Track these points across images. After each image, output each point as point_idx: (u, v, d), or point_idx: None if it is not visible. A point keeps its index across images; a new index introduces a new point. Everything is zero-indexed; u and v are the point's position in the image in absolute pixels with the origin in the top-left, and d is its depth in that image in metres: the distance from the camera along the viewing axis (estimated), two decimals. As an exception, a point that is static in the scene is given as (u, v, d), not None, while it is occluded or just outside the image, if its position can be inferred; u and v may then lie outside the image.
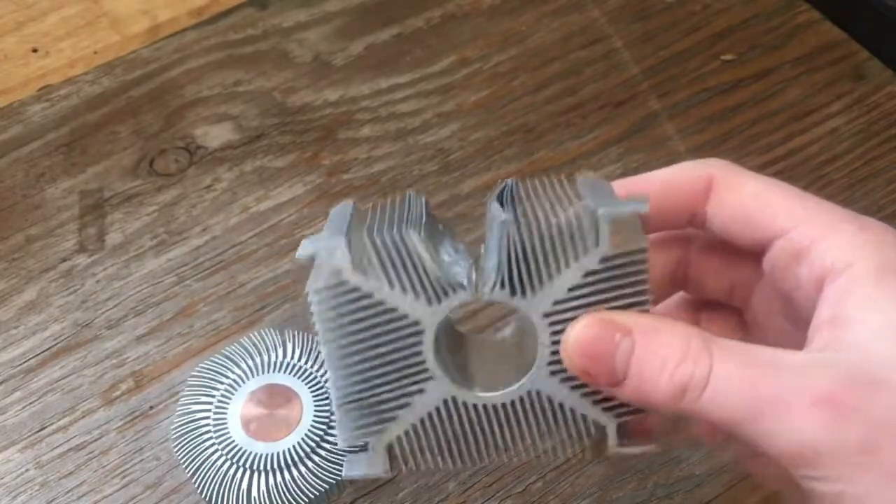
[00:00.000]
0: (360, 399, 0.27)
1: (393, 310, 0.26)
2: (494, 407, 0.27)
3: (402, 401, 0.27)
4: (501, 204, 0.27)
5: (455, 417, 0.27)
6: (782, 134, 0.52)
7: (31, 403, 0.44)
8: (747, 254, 0.28)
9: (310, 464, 0.39)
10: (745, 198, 0.27)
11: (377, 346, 0.26)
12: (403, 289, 0.26)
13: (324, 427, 0.40)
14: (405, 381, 0.26)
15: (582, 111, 0.54)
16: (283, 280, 0.47)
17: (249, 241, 0.49)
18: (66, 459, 0.42)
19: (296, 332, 0.43)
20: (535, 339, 0.26)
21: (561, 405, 0.26)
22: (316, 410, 0.41)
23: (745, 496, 0.41)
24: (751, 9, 0.58)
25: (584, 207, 0.26)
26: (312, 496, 0.39)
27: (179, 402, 0.42)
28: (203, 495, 0.39)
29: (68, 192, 0.51)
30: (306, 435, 0.40)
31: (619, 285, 0.26)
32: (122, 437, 0.43)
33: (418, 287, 0.26)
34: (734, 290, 0.30)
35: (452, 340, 0.29)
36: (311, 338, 0.43)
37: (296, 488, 0.39)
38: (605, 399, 0.26)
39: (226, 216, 0.50)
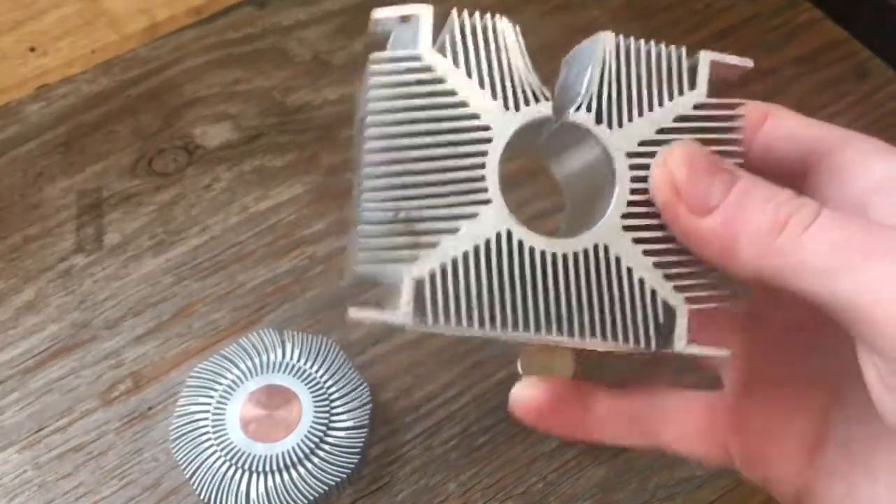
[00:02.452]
0: (397, 210, 0.21)
1: (463, 104, 0.22)
2: (554, 256, 0.22)
3: (448, 224, 0.21)
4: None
5: (505, 260, 0.22)
6: (784, 133, 0.52)
7: (29, 404, 0.44)
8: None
9: (309, 465, 0.39)
10: (798, 121, 0.25)
11: (433, 145, 0.22)
12: (482, 82, 0.22)
13: (323, 428, 0.40)
14: (457, 199, 0.22)
15: (582, 110, 0.53)
16: (282, 280, 0.47)
17: (248, 241, 0.49)
18: (64, 460, 0.42)
19: (295, 333, 0.43)
20: (611, 184, 0.23)
21: (629, 271, 0.22)
22: (315, 411, 0.40)
23: (746, 498, 0.41)
24: (752, 8, 0.58)
25: (686, 49, 0.23)
26: (312, 497, 0.39)
27: (178, 403, 0.41)
28: (202, 497, 0.39)
29: (66, 191, 0.51)
30: (305, 436, 0.40)
31: (710, 140, 0.23)
32: (121, 438, 0.43)
33: (498, 85, 0.22)
34: None
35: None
36: (310, 338, 0.43)
37: (295, 490, 0.39)
38: (681, 276, 0.23)
39: (225, 216, 0.50)
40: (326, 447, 0.40)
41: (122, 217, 0.50)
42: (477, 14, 0.22)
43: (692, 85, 0.23)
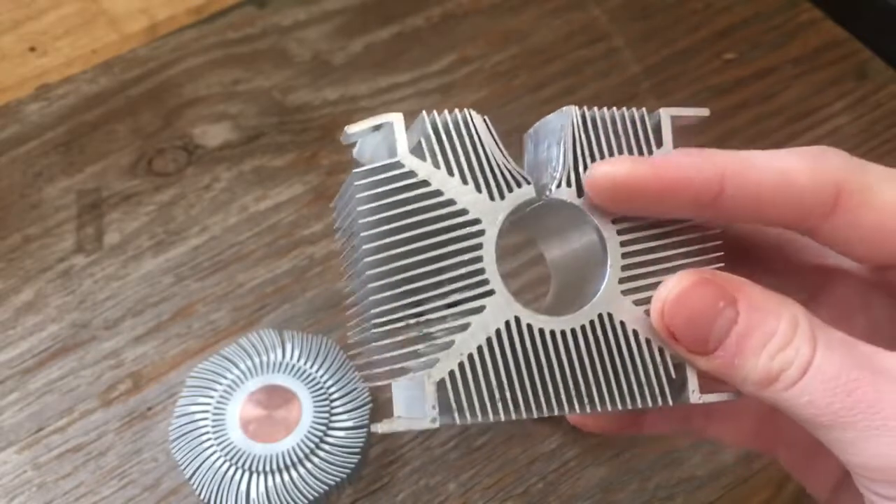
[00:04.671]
0: (406, 318, 0.22)
1: (451, 202, 0.22)
2: (563, 334, 0.23)
3: (458, 322, 0.22)
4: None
5: (518, 346, 0.22)
6: (784, 133, 0.52)
7: (28, 404, 0.44)
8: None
9: (309, 465, 0.39)
10: (885, 215, 0.23)
11: (429, 248, 0.22)
12: (464, 178, 0.22)
13: (323, 428, 0.40)
14: (462, 296, 0.22)
15: (582, 110, 0.53)
16: (282, 280, 0.47)
17: (248, 241, 0.49)
18: (63, 461, 0.42)
19: (295, 333, 0.43)
20: (602, 252, 0.23)
21: (635, 333, 0.23)
22: (315, 411, 0.40)
23: (746, 498, 0.41)
24: (752, 7, 0.58)
25: (647, 110, 0.24)
26: (312, 497, 0.39)
27: (178, 403, 0.41)
28: (202, 497, 0.39)
29: (66, 191, 0.51)
30: (305, 436, 0.40)
31: None
32: (120, 439, 0.42)
33: (480, 178, 0.23)
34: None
35: None
36: (310, 338, 0.43)
37: (295, 490, 0.39)
38: None
39: (224, 216, 0.50)
40: (326, 447, 0.40)
41: (122, 217, 0.50)
42: (445, 111, 0.23)
43: (658, 143, 0.24)
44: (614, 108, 0.24)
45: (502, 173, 0.23)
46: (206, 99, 0.55)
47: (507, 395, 0.22)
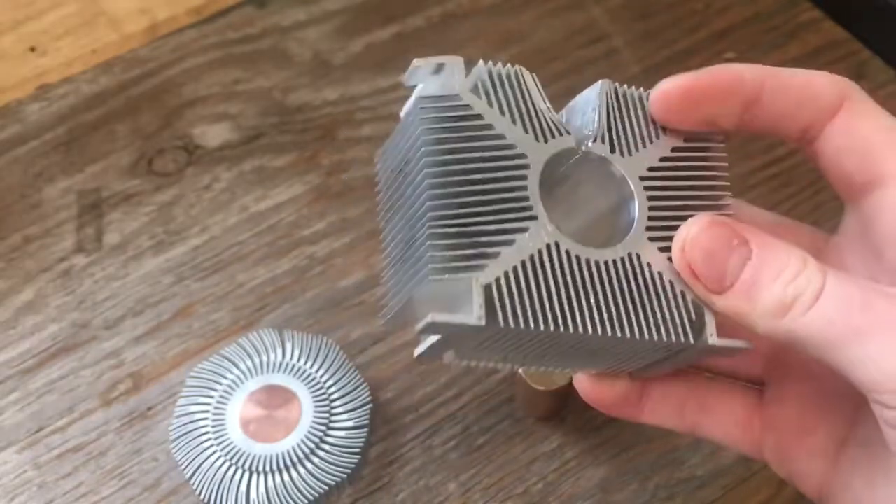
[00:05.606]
0: (460, 225, 0.24)
1: (501, 136, 0.25)
2: (596, 263, 0.25)
3: (505, 237, 0.24)
4: None
5: (557, 266, 0.25)
6: (784, 133, 0.52)
7: (28, 404, 0.44)
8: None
9: (309, 465, 0.39)
10: (878, 130, 0.26)
11: (481, 170, 0.25)
12: (513, 119, 0.25)
13: (323, 428, 0.40)
14: (508, 216, 0.24)
15: (582, 110, 0.53)
16: (282, 280, 0.47)
17: (248, 241, 0.49)
18: (63, 460, 0.42)
19: (295, 333, 0.43)
20: (629, 203, 0.26)
21: (660, 274, 0.26)
22: (315, 411, 0.40)
23: (746, 498, 0.41)
24: (752, 7, 0.58)
25: None
26: (312, 497, 0.39)
27: (178, 403, 0.41)
28: (202, 497, 0.39)
29: (66, 191, 0.51)
30: (305, 436, 0.40)
31: (700, 166, 0.27)
32: (121, 439, 0.43)
33: (528, 121, 0.26)
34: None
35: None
36: (310, 338, 0.43)
37: (295, 490, 0.39)
38: None
39: (224, 216, 0.50)
40: (326, 447, 0.40)
41: (122, 217, 0.50)
42: (500, 63, 0.26)
43: None
44: (641, 89, 0.28)
45: (547, 122, 0.26)
46: (206, 99, 0.55)
47: (547, 306, 0.24)
